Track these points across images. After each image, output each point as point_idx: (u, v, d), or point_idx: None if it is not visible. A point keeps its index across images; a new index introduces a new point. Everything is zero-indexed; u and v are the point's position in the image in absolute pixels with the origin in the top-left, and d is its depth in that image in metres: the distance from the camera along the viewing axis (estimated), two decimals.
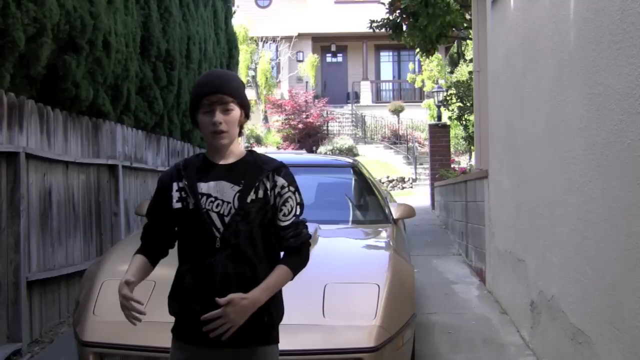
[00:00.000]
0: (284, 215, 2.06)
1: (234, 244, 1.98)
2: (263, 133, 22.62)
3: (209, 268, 1.96)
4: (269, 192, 2.04)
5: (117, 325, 3.00)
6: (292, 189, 2.08)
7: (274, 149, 20.27)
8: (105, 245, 5.94)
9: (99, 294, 3.24)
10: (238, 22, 20.28)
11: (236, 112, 2.02)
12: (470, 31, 9.13)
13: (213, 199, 2.00)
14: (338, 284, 3.20)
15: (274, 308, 2.03)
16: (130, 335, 2.95)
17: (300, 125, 21.43)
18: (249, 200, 2.00)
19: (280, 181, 2.06)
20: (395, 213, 4.77)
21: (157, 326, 2.56)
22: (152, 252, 2.14)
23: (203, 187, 2.02)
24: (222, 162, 2.05)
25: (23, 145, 4.50)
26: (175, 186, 2.05)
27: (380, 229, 4.33)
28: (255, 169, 2.05)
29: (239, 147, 2.09)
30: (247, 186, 2.01)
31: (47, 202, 4.91)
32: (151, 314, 2.92)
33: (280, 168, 2.08)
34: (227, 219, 1.98)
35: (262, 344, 2.02)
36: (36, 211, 4.71)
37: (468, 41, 15.02)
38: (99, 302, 3.19)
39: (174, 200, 2.04)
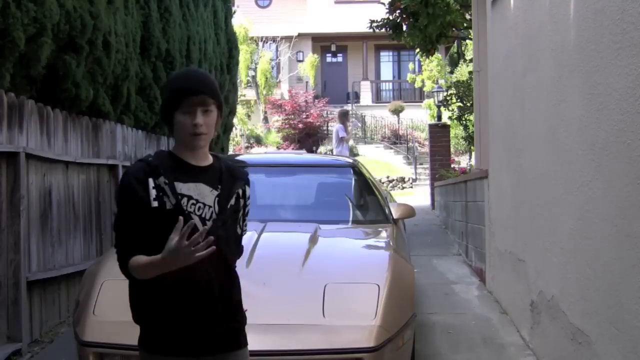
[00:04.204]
0: (245, 225, 2.12)
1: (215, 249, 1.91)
2: (263, 133, 22.63)
3: (189, 274, 1.87)
4: (240, 200, 2.07)
5: (117, 325, 3.01)
6: (249, 202, 2.13)
7: (274, 148, 20.28)
8: (105, 245, 5.94)
9: (99, 294, 3.23)
10: (238, 22, 20.26)
11: (214, 113, 1.99)
12: (470, 31, 9.13)
13: (194, 202, 1.94)
14: (338, 284, 3.20)
15: (239, 315, 2.07)
16: (130, 335, 2.92)
17: (300, 125, 21.41)
18: (228, 205, 2.01)
19: (248, 191, 2.11)
20: (395, 213, 4.77)
21: None
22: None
23: (182, 187, 1.94)
24: (197, 164, 2.00)
25: (23, 145, 4.50)
26: (151, 182, 1.91)
27: (380, 229, 4.33)
28: (229, 175, 2.05)
29: (207, 150, 2.06)
30: (226, 192, 2.01)
31: (47, 202, 4.91)
32: None
33: (248, 179, 2.13)
34: (208, 223, 1.94)
35: (233, 349, 2.03)
36: (36, 211, 4.71)
37: (468, 41, 15.02)
38: (99, 302, 3.18)
39: (151, 198, 1.90)
